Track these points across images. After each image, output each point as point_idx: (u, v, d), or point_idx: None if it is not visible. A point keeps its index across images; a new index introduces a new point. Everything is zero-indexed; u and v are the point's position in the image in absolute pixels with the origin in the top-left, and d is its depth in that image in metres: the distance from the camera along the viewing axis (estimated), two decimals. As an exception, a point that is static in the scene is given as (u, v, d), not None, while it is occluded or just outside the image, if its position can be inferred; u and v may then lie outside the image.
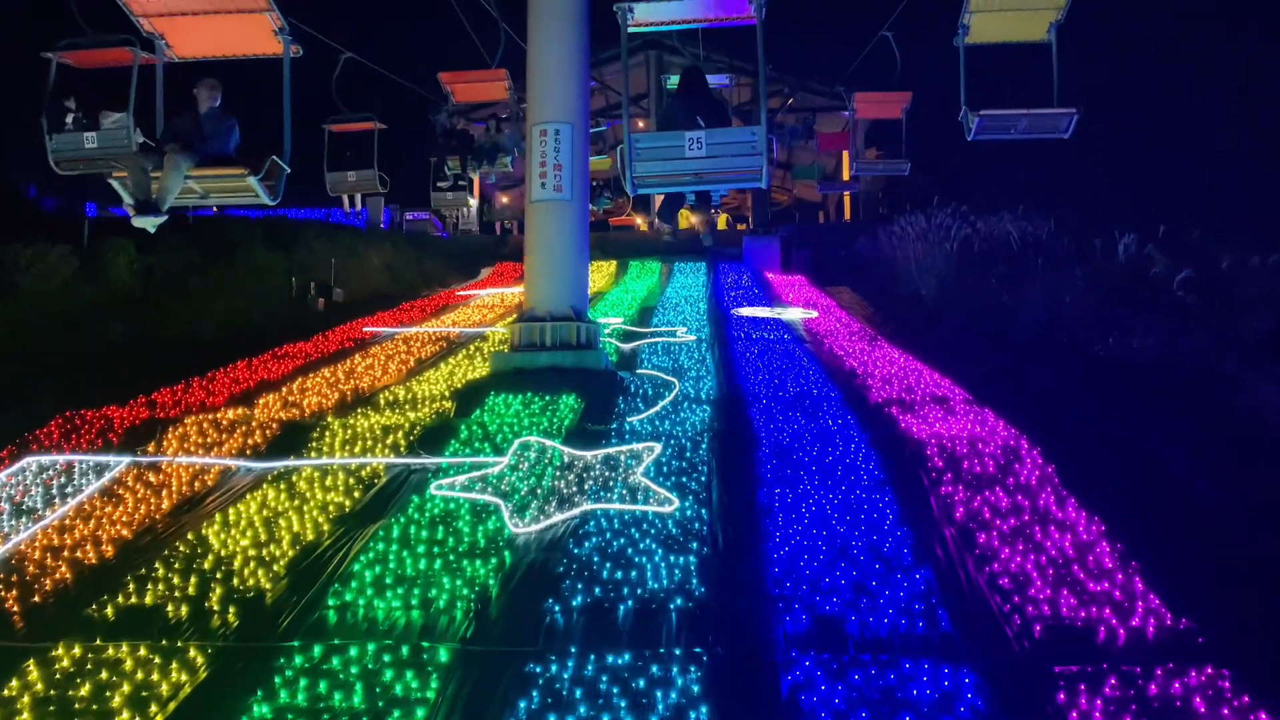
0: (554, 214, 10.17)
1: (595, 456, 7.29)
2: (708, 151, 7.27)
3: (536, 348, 9.80)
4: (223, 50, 8.65)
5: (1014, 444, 7.50)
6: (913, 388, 9.71)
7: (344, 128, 16.73)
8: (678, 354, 12.05)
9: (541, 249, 10.18)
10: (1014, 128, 10.49)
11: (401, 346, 12.65)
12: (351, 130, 16.80)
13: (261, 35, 8.23)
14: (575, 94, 10.41)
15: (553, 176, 10.09)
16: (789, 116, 27.23)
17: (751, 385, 9.95)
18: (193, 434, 8.12)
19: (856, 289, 19.35)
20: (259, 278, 15.91)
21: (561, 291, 10.04)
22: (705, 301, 17.41)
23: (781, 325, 14.41)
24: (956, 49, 10.05)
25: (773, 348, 12.30)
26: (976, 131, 10.37)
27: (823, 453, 7.38)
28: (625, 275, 22.51)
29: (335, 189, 18.27)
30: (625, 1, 7.37)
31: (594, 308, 16.94)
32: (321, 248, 18.34)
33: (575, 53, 10.43)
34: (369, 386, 10.23)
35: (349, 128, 16.73)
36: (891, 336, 13.14)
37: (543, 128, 10.19)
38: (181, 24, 8.15)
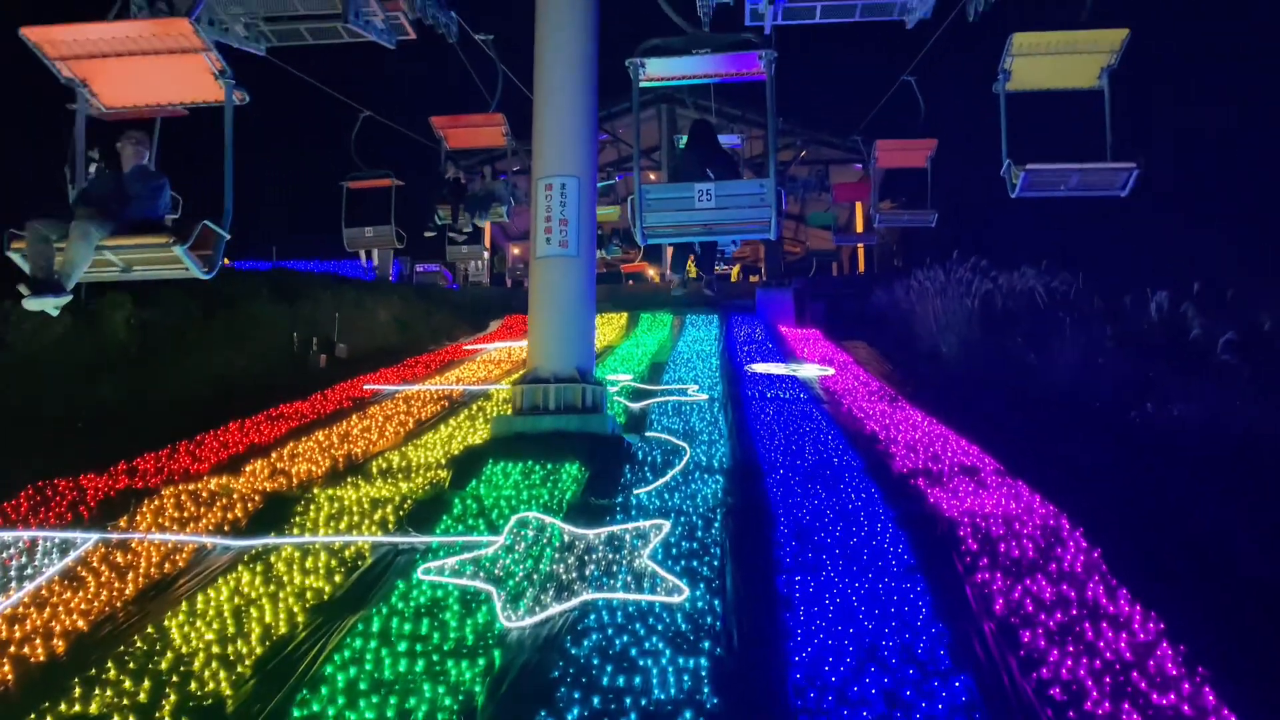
0: (559, 271, 9.70)
1: (598, 536, 6.70)
2: (717, 203, 7.20)
3: (539, 411, 9.26)
4: (157, 99, 7.29)
5: (1053, 523, 6.87)
6: (939, 456, 9.11)
7: (362, 185, 16.89)
8: (689, 415, 11.48)
9: (546, 307, 9.69)
10: (1064, 184, 9.19)
11: (401, 406, 12.13)
12: (369, 187, 16.77)
13: (200, 80, 6.91)
14: (583, 147, 10.00)
15: (558, 232, 9.64)
16: (801, 169, 26.91)
17: (767, 451, 9.36)
18: (169, 507, 7.57)
19: (873, 344, 18.78)
20: (260, 333, 15.47)
21: (567, 352, 9.52)
22: (718, 356, 16.87)
23: (797, 383, 13.83)
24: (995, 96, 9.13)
25: (789, 408, 11.72)
26: (1022, 188, 9.10)
27: (846, 532, 6.77)
28: (636, 328, 22.02)
29: (352, 244, 18.39)
30: (637, 57, 7.35)
31: (603, 362, 16.44)
32: (327, 301, 17.93)
33: (583, 104, 10.04)
34: (363, 452, 9.69)
35: (367, 185, 16.83)
36: (912, 396, 12.55)
37: (548, 181, 9.76)
38: (107, 69, 6.79)
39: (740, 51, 7.26)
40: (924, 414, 11.22)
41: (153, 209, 7.21)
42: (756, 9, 10.56)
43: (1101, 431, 9.62)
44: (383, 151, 18.16)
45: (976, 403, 11.99)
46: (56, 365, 12.18)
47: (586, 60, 10.11)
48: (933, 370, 14.63)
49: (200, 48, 6.63)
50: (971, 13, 10.54)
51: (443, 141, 14.53)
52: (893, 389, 13.25)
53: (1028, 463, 8.78)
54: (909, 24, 10.92)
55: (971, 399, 12.22)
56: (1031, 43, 8.55)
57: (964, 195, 21.73)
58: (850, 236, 26.61)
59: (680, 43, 7.33)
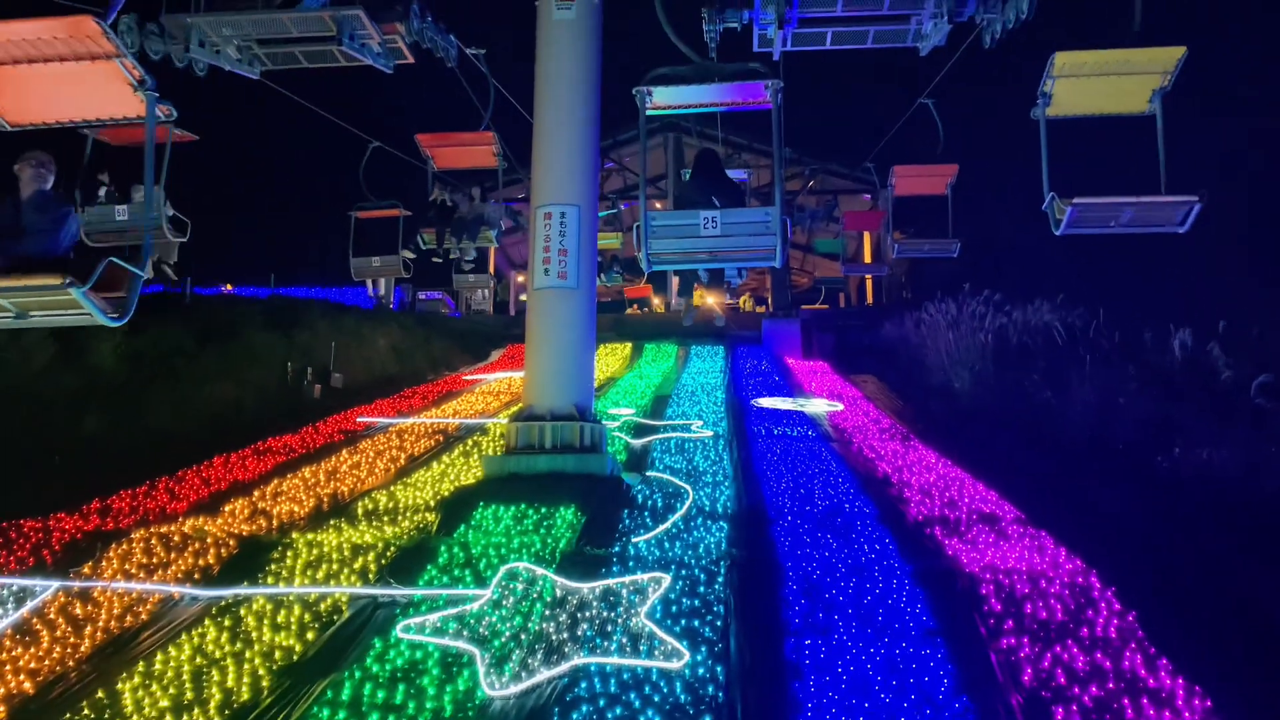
0: (558, 303, 9.29)
1: (593, 590, 6.22)
2: (722, 230, 7.12)
3: (535, 450, 8.81)
4: (68, 114, 6.32)
5: (1083, 582, 6.37)
6: (955, 501, 8.62)
7: (370, 214, 16.80)
8: (693, 453, 11.02)
9: (543, 341, 9.27)
10: (1115, 220, 8.08)
11: (394, 441, 11.68)
12: (378, 217, 16.83)
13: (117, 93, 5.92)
14: (584, 174, 9.62)
15: (557, 262, 9.23)
16: (809, 199, 26.58)
17: (774, 495, 8.89)
18: (138, 552, 7.11)
19: (883, 378, 18.31)
20: (254, 362, 15.06)
21: (564, 388, 9.09)
22: (723, 390, 16.41)
23: (805, 419, 13.36)
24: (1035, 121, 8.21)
25: (796, 447, 11.25)
26: (1068, 224, 8.05)
27: (859, 590, 6.28)
28: (640, 359, 21.59)
29: (360, 274, 18.12)
30: (644, 86, 7.24)
31: (605, 395, 15.99)
32: (324, 330, 17.53)
33: (585, 130, 9.67)
34: (350, 490, 9.23)
35: (375, 214, 16.81)
36: (924, 435, 12.06)
37: (547, 210, 9.38)
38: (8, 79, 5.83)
39: (746, 81, 7.17)
40: (937, 454, 10.73)
41: (53, 244, 6.04)
42: (765, 34, 10.18)
43: (1126, 476, 9.12)
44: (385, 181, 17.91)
45: (992, 443, 11.50)
46: (39, 397, 11.76)
47: (588, 84, 9.76)
48: (945, 407, 14.15)
49: (112, 52, 5.62)
50: (988, 40, 10.19)
51: (430, 161, 13.69)
52: (904, 427, 12.77)
53: (1049, 510, 8.29)
54: (923, 51, 10.54)
55: (986, 439, 11.72)
56: (1075, 63, 7.61)
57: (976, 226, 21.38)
58: (859, 267, 25.98)
59: (687, 72, 7.22)
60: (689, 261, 7.86)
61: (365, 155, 16.26)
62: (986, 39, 10.21)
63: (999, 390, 13.53)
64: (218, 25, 9.72)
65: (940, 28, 9.93)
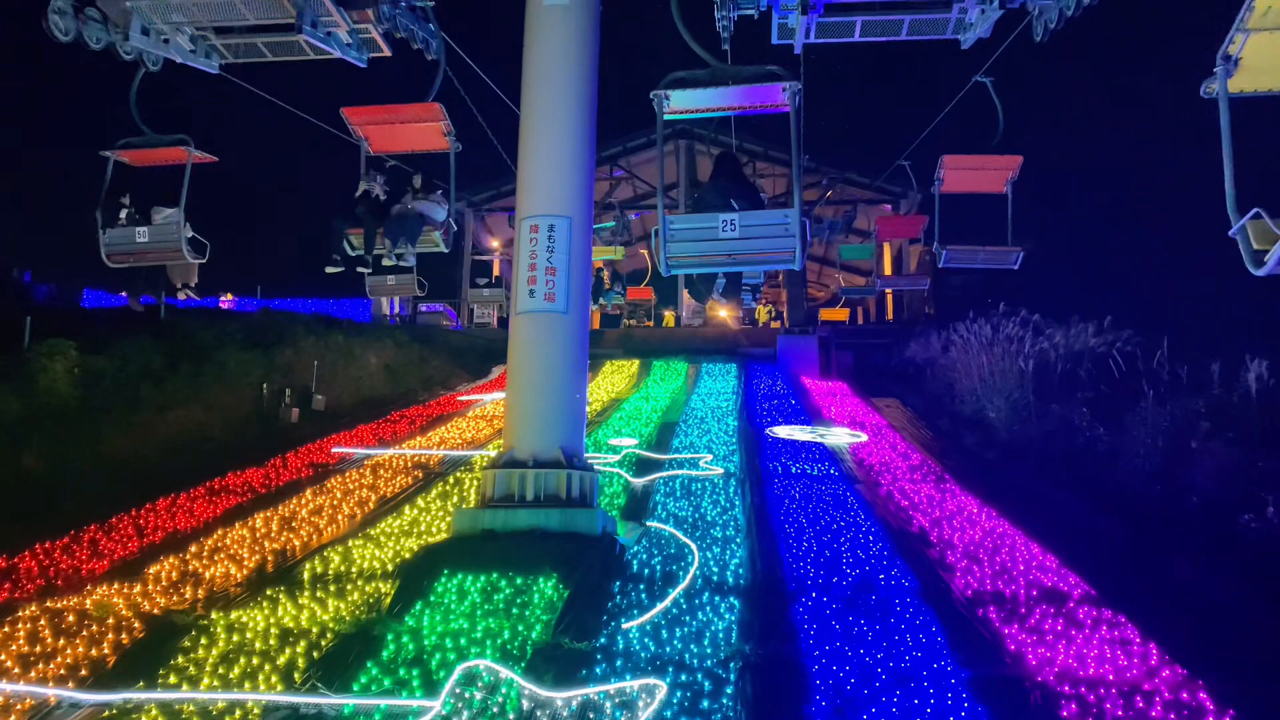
0: (544, 330, 7.98)
1: (568, 703, 4.89)
2: (741, 233, 6.91)
3: (514, 503, 7.48)
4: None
5: (1189, 699, 4.99)
6: (1009, 570, 7.24)
7: None
8: (700, 496, 9.68)
9: (527, 374, 7.95)
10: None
11: (366, 477, 10.39)
12: None
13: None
14: (577, 181, 8.32)
15: (544, 283, 7.93)
16: (827, 209, 25.20)
17: (794, 558, 7.52)
18: (20, 637, 5.82)
19: (907, 403, 16.93)
20: (228, 384, 13.82)
21: (550, 430, 7.76)
22: (735, 415, 15.07)
23: (826, 454, 12.00)
24: None
25: (818, 490, 9.89)
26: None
27: (905, 706, 4.92)
28: (648, 377, 20.28)
29: (375, 292, 17.36)
30: (661, 90, 6.90)
31: (608, 420, 14.68)
32: (310, 347, 16.30)
33: (580, 131, 8.38)
34: (303, 545, 7.94)
35: None
36: (961, 476, 10.67)
37: (534, 222, 8.07)
38: None
39: (763, 83, 6.85)
40: (979, 502, 9.35)
41: None
42: (785, 23, 8.87)
43: (1210, 541, 7.71)
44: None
45: (1039, 490, 10.12)
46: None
47: (584, 79, 8.46)
48: (980, 441, 12.75)
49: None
50: (1040, 32, 8.87)
51: (363, 144, 10.36)
52: (936, 464, 11.38)
53: (1122, 584, 6.91)
54: (965, 44, 9.21)
55: (1033, 484, 10.34)
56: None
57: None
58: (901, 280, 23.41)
59: (703, 75, 6.89)
60: (708, 265, 7.63)
61: None
62: (1038, 30, 8.91)
63: (1041, 424, 12.13)
64: (162, 8, 8.47)
65: (988, 15, 8.61)
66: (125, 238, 9.27)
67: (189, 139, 9.19)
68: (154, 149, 9.25)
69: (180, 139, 9.14)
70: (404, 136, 9.99)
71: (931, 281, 17.79)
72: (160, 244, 9.24)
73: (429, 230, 9.87)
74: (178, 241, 9.15)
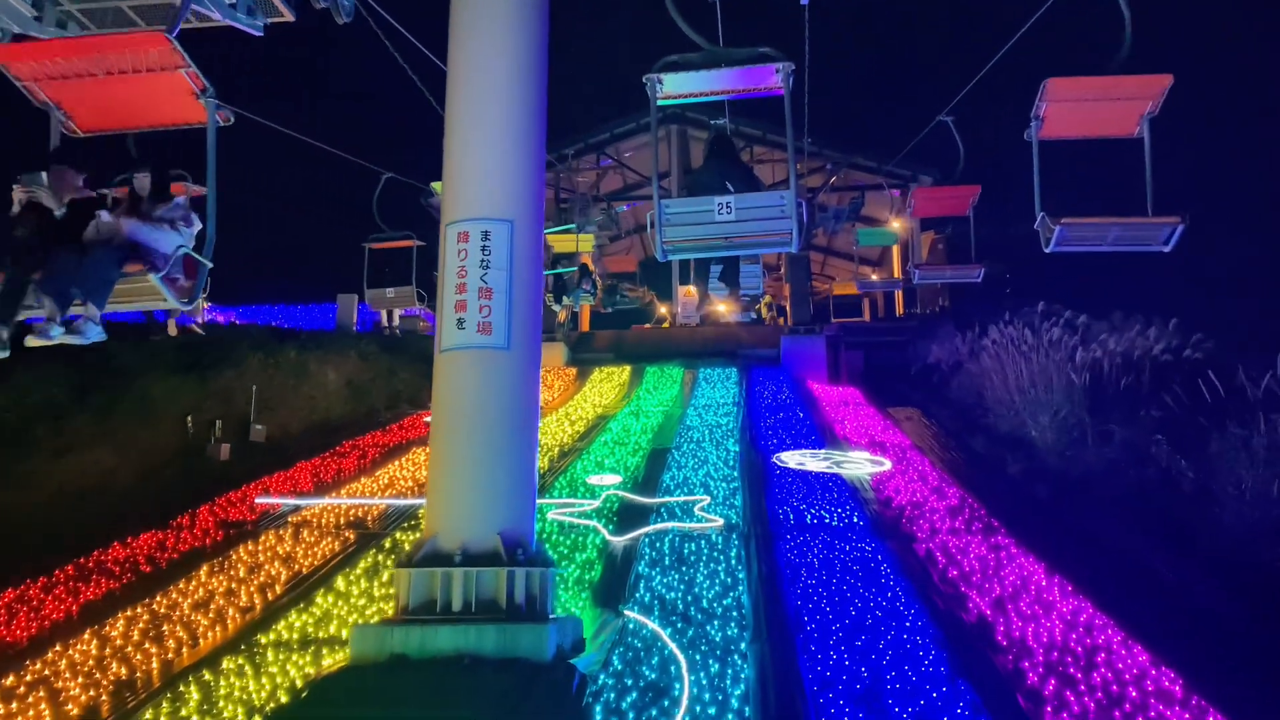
0: (478, 372, 5.90)
1: None
2: (737, 215, 6.63)
3: (436, 615, 5.41)
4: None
5: None
6: (1118, 694, 5.17)
7: (384, 245, 15.66)
8: (695, 564, 7.63)
9: (455, 434, 5.87)
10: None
11: (285, 543, 8.33)
12: (391, 248, 15.67)
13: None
14: (522, 172, 6.24)
15: (476, 309, 5.86)
16: (831, 196, 23.04)
17: (820, 683, 5.44)
18: None
19: (930, 414, 14.84)
20: (148, 418, 11.78)
21: (486, 509, 5.69)
22: (736, 436, 13.00)
23: (844, 491, 9.93)
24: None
25: (841, 553, 7.82)
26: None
27: None
28: (640, 386, 18.20)
29: (375, 304, 17.10)
30: (654, 74, 6.58)
31: (591, 446, 12.63)
32: (255, 366, 14.23)
33: (524, 108, 6.29)
34: (162, 668, 5.89)
35: (389, 245, 15.66)
36: (1012, 521, 8.58)
37: (462, 228, 6.00)
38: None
39: (757, 65, 6.60)
40: (1046, 568, 7.26)
41: None
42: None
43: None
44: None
45: (1115, 541, 8.06)
46: None
47: (530, 34, 6.37)
48: (1026, 469, 10.66)
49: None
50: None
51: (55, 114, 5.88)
52: (978, 503, 9.28)
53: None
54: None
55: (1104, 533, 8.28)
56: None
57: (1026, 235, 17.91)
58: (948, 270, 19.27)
59: (696, 58, 6.63)
60: (704, 249, 7.27)
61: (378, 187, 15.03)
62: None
63: (1100, 450, 10.05)
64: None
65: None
66: None
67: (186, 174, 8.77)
68: None
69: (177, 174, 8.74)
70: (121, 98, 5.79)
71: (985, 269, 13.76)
72: None
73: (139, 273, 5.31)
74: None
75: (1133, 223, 7.66)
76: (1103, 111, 7.52)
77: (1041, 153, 7.51)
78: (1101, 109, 7.50)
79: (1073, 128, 7.71)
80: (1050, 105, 7.42)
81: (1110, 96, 7.35)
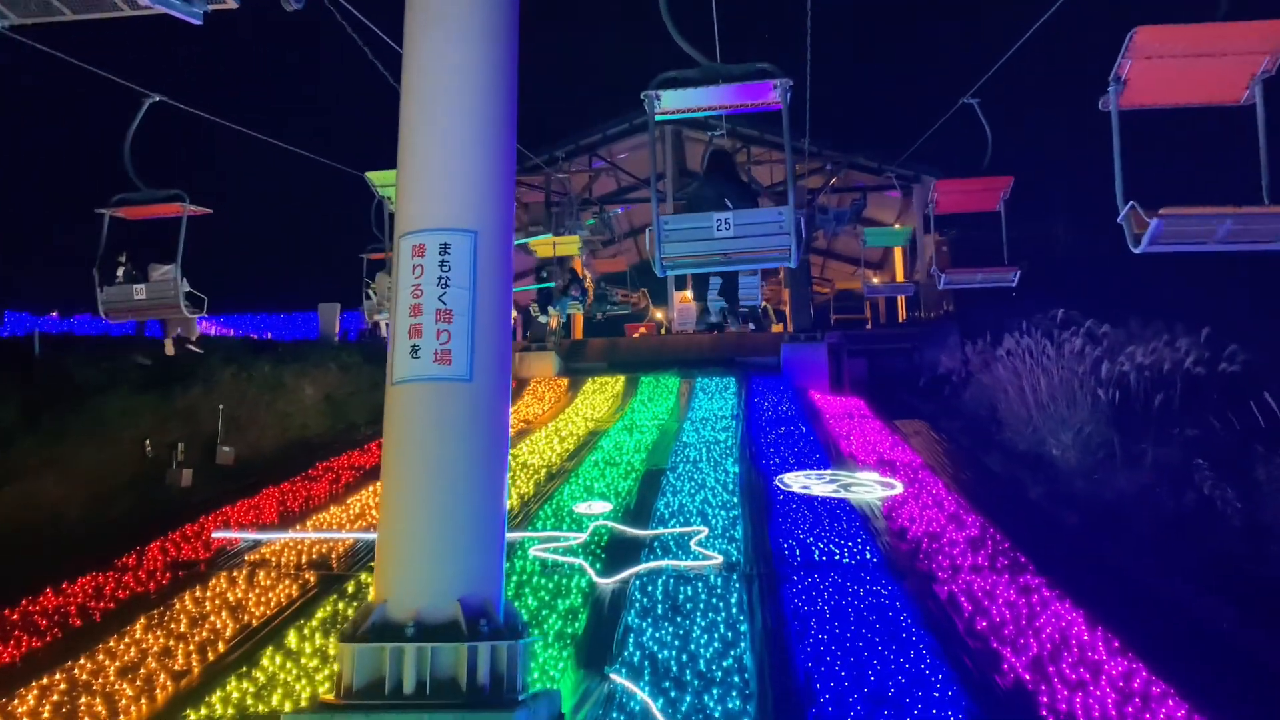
0: (434, 408, 5.01)
1: None
2: (735, 232, 6.59)
3: (382, 700, 4.53)
4: None
5: None
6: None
7: (380, 257, 14.92)
8: (692, 613, 6.78)
9: (407, 480, 4.99)
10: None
11: (239, 587, 7.47)
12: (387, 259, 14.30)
13: None
14: (488, 174, 5.36)
15: (433, 334, 4.98)
16: (832, 197, 22.19)
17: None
18: None
19: (939, 427, 13.99)
20: (105, 441, 10.90)
21: (444, 570, 4.81)
22: (736, 456, 12.16)
23: (854, 520, 9.08)
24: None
25: (854, 598, 6.96)
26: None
27: None
28: (634, 398, 17.35)
29: (373, 314, 15.97)
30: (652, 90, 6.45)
31: (581, 467, 11.75)
32: (227, 381, 13.37)
33: (491, 100, 5.42)
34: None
35: (385, 256, 14.63)
36: (1042, 558, 7.73)
37: (417, 240, 5.13)
38: None
39: (755, 81, 6.49)
40: (1086, 618, 6.42)
41: None
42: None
43: None
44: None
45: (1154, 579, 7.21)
46: None
47: (498, 24, 5.50)
48: (1050, 493, 9.81)
49: None
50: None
51: None
52: (1002, 535, 8.43)
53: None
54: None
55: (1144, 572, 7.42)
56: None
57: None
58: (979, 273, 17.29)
59: (694, 74, 6.52)
60: (703, 265, 7.27)
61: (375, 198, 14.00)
62: None
63: (1131, 473, 9.21)
64: None
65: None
66: (123, 295, 8.98)
67: (184, 194, 8.86)
68: (149, 205, 8.94)
69: (175, 194, 8.84)
70: None
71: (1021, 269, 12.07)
72: (158, 300, 9.03)
73: None
74: (175, 297, 8.93)
75: (1253, 213, 5.99)
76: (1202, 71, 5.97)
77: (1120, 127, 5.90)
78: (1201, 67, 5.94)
79: (1163, 93, 6.16)
80: (1136, 63, 5.79)
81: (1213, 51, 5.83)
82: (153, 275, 9.24)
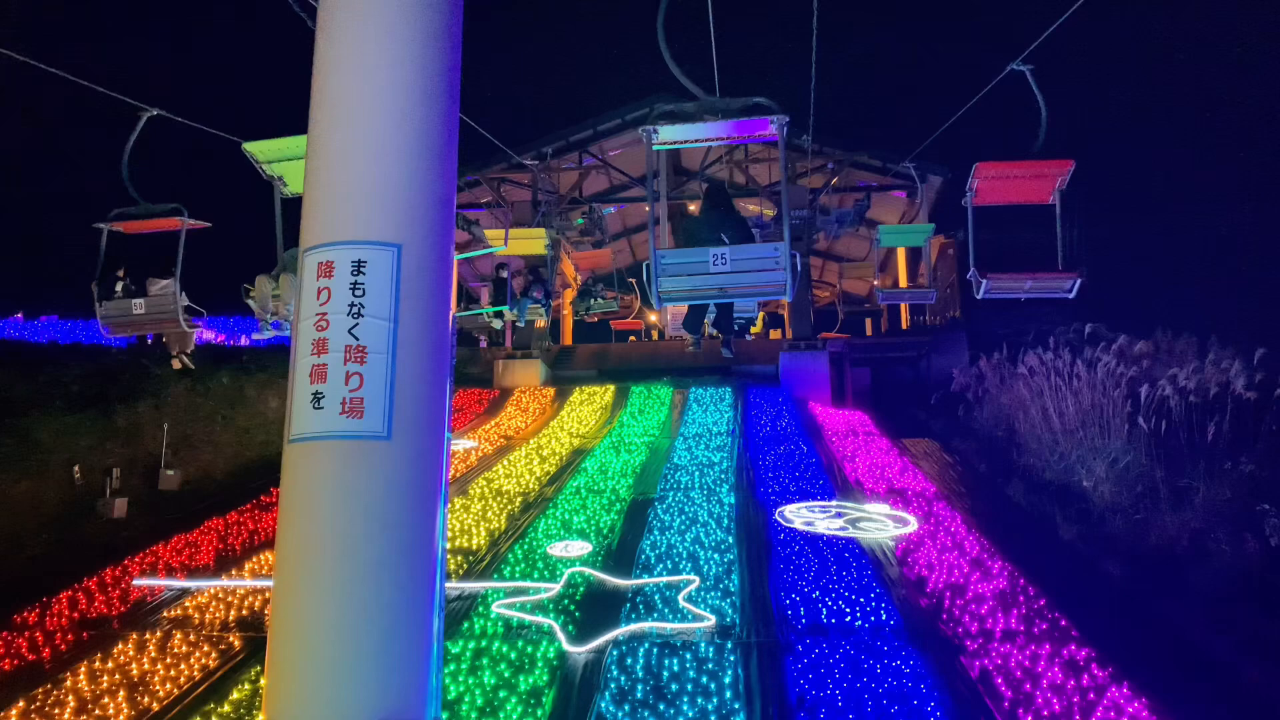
0: (341, 475, 3.85)
1: None
2: (731, 266, 6.65)
3: None
4: None
5: None
6: None
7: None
8: (678, 702, 5.65)
9: (304, 568, 3.83)
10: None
11: (148, 655, 6.32)
12: None
13: None
14: (418, 174, 4.21)
15: (340, 378, 3.83)
16: (832, 198, 21.03)
17: None
18: None
19: (950, 447, 12.89)
20: (27, 468, 9.72)
21: (352, 690, 3.66)
22: (732, 483, 11.03)
23: (865, 567, 7.95)
24: None
25: (871, 679, 5.83)
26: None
27: None
28: (624, 410, 16.21)
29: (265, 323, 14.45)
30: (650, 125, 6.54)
31: (561, 494, 10.59)
32: (181, 394, 12.21)
33: (421, 73, 4.26)
34: None
35: None
36: (1082, 616, 6.61)
37: (323, 256, 3.98)
38: None
39: (752, 117, 6.49)
40: (1145, 703, 5.29)
41: None
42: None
43: None
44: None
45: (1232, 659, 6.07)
46: None
47: None
48: (1083, 533, 8.68)
49: None
50: None
51: None
52: (1033, 586, 7.29)
53: None
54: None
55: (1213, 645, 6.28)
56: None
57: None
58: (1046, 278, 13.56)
59: (692, 108, 6.54)
60: (699, 298, 7.17)
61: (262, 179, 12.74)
62: None
63: (1177, 512, 8.07)
64: None
65: None
66: (122, 309, 8.96)
67: (183, 208, 8.79)
68: (148, 219, 8.90)
69: (174, 208, 8.78)
70: None
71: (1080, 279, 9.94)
72: (156, 314, 9.01)
73: None
74: (174, 311, 8.91)
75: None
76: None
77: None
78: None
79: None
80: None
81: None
82: (151, 289, 9.22)
